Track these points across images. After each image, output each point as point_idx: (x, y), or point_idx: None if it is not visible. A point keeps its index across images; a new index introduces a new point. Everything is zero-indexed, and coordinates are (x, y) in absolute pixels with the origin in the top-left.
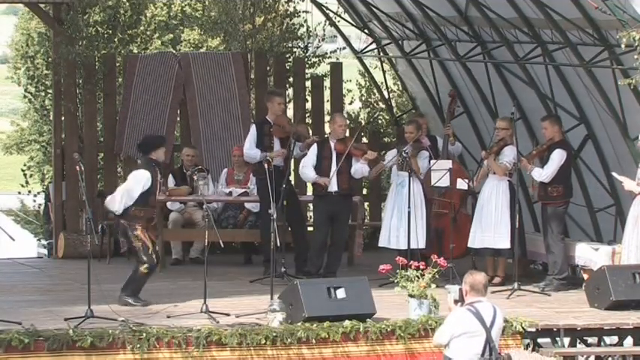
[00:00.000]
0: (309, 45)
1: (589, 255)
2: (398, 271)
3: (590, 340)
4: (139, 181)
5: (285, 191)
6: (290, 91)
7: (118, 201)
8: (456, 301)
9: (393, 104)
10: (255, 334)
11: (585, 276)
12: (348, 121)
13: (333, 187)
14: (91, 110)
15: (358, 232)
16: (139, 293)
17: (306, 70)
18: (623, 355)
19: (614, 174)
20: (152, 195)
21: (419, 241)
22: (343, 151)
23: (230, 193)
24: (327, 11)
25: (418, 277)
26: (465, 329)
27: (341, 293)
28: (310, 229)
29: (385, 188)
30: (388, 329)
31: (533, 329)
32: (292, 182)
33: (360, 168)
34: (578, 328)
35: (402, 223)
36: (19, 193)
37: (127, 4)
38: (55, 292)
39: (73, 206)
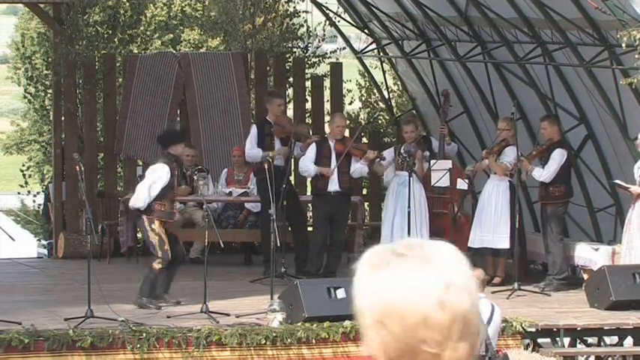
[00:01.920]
0: (309, 45)
1: (589, 255)
2: None
3: (590, 340)
4: (159, 175)
5: (284, 191)
6: (290, 91)
7: (142, 198)
8: None
9: (393, 104)
10: (255, 334)
11: (585, 276)
12: (348, 121)
13: (334, 186)
14: (91, 110)
15: (358, 232)
16: (167, 290)
17: (306, 70)
18: (623, 355)
19: (617, 182)
20: (171, 189)
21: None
22: (343, 151)
23: (230, 193)
24: (327, 11)
25: None
26: None
27: (341, 293)
28: (310, 229)
29: (385, 188)
30: None
31: (533, 329)
32: (292, 182)
33: (359, 168)
34: (578, 328)
35: (405, 223)
36: (19, 193)
37: (127, 4)
38: (55, 292)
39: (73, 206)
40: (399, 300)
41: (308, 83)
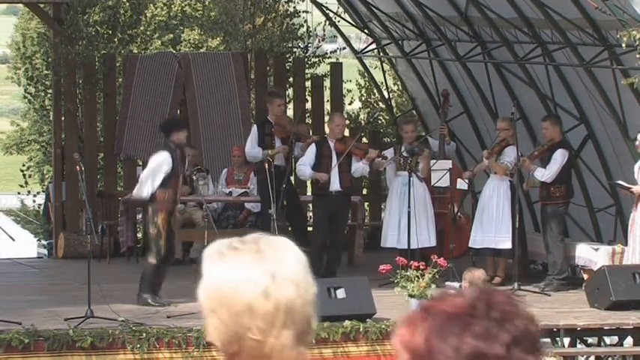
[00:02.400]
0: (309, 45)
1: (589, 255)
2: (398, 271)
3: (590, 340)
4: (159, 163)
5: (285, 191)
6: (290, 91)
7: (145, 187)
8: None
9: (393, 104)
10: None
11: (585, 276)
12: (347, 121)
13: (335, 185)
14: (91, 110)
15: (358, 232)
16: (159, 291)
17: (306, 70)
18: (623, 355)
19: (619, 182)
20: (175, 177)
21: (430, 239)
22: (344, 151)
23: (230, 193)
24: (327, 11)
25: (418, 277)
26: None
27: (341, 293)
28: (310, 229)
29: (385, 188)
30: (388, 329)
31: None
32: (293, 182)
33: (360, 167)
34: (578, 328)
35: (411, 223)
36: (19, 193)
37: (127, 4)
38: (55, 292)
39: (73, 206)
40: (228, 290)
41: (308, 83)
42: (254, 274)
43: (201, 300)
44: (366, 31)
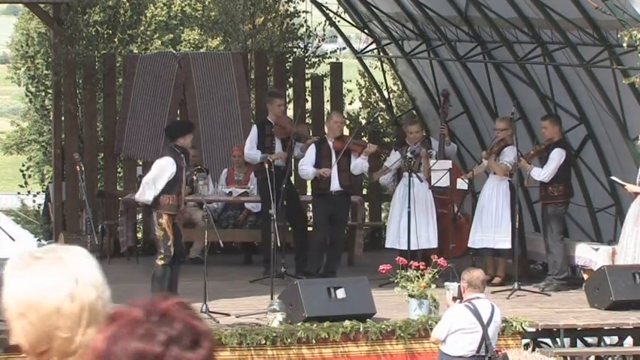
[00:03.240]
0: (309, 45)
1: (589, 255)
2: (398, 271)
3: (590, 340)
4: (163, 168)
5: (285, 191)
6: (290, 91)
7: (148, 191)
8: (454, 298)
9: (393, 104)
10: (255, 334)
11: (585, 276)
12: (348, 121)
13: (335, 185)
14: (91, 110)
15: (358, 232)
16: (176, 290)
17: (306, 70)
18: (623, 355)
19: (614, 178)
20: (179, 182)
21: (430, 241)
22: (342, 148)
23: (230, 193)
24: (327, 11)
25: (418, 277)
26: (462, 325)
27: (341, 293)
28: (310, 229)
29: (385, 188)
30: (388, 329)
31: (533, 329)
32: (293, 182)
33: (359, 163)
34: (578, 328)
35: (413, 223)
36: (19, 193)
37: (127, 4)
38: None
39: (73, 206)
40: (37, 295)
41: (308, 83)
42: (59, 279)
43: (9, 305)
44: (366, 31)
